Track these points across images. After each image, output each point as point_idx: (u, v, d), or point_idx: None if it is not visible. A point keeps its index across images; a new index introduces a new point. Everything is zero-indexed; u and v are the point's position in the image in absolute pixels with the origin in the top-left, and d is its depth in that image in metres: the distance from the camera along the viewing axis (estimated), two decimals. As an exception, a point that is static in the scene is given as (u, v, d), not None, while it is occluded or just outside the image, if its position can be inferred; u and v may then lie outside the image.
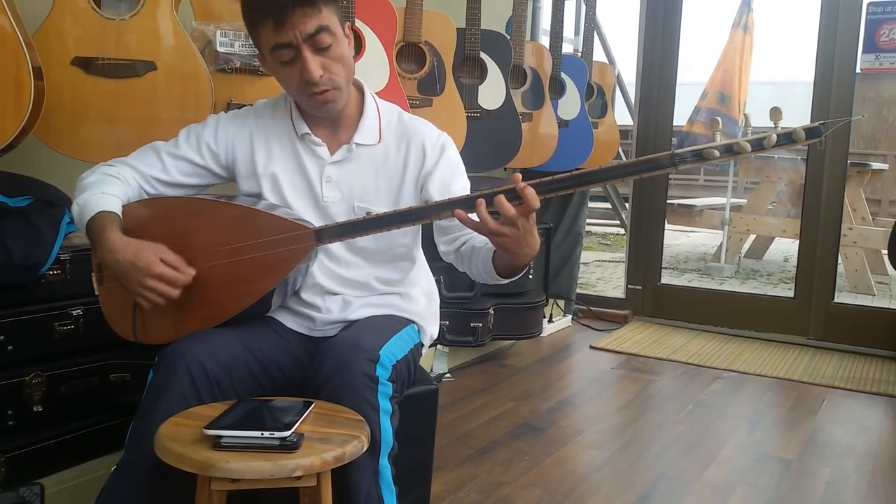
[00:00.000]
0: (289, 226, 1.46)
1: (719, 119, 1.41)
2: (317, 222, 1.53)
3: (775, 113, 1.26)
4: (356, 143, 1.58)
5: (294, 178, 1.58)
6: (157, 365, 1.41)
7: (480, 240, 1.51)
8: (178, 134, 1.61)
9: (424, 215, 1.42)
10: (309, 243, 1.45)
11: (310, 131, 1.57)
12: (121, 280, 1.45)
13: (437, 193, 1.57)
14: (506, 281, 1.50)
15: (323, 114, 1.53)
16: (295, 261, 1.45)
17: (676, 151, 1.27)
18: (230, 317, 1.48)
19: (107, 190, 1.50)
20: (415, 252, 1.68)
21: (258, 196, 1.58)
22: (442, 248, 1.62)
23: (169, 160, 1.58)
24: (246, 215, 1.48)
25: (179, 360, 1.38)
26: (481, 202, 1.33)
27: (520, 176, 1.34)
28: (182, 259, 1.44)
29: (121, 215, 1.49)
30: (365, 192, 1.58)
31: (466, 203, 1.37)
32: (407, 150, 1.60)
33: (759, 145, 1.23)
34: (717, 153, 1.25)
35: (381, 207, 1.56)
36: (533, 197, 1.32)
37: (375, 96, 1.64)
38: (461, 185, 1.61)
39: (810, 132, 1.21)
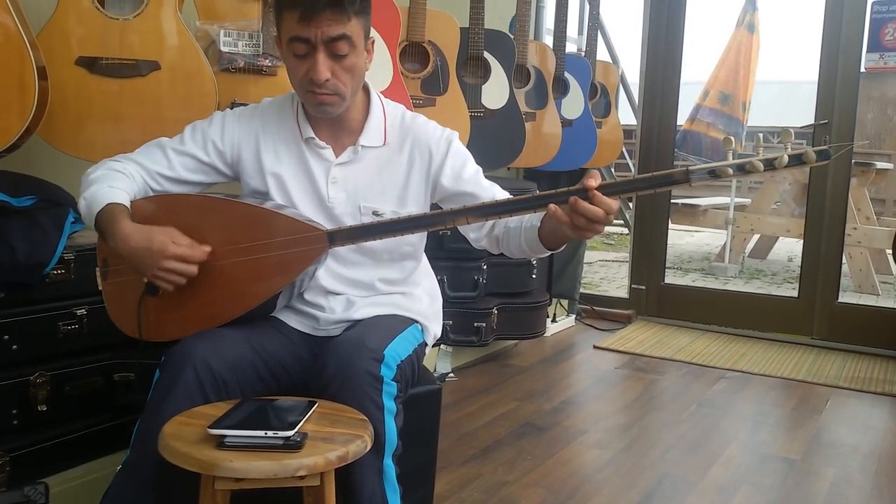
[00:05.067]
0: (301, 227, 1.46)
1: (733, 138, 1.45)
2: (323, 223, 1.54)
3: (786, 134, 1.31)
4: (362, 146, 1.58)
5: (300, 179, 1.58)
6: (163, 364, 1.41)
7: (514, 220, 1.54)
8: (184, 130, 1.61)
9: (438, 221, 1.44)
10: (321, 245, 1.45)
11: (314, 135, 1.57)
12: (137, 267, 1.45)
13: (450, 183, 1.59)
14: (550, 253, 1.54)
15: (316, 113, 1.54)
16: (306, 263, 1.45)
17: (691, 168, 1.30)
18: (236, 316, 1.48)
19: (113, 184, 1.50)
20: (420, 252, 1.68)
21: (265, 195, 1.59)
22: (472, 235, 1.63)
23: (174, 156, 1.58)
24: (257, 215, 1.48)
25: (187, 360, 1.38)
26: (577, 201, 1.32)
27: (597, 174, 1.35)
28: (193, 240, 1.45)
29: (129, 207, 1.49)
30: (370, 191, 1.59)
31: (481, 212, 1.41)
32: (411, 149, 1.61)
33: (770, 165, 1.27)
34: (730, 171, 1.29)
35: (386, 206, 1.58)
36: (610, 202, 1.32)
37: (381, 97, 1.64)
38: (472, 171, 1.62)
39: (820, 154, 1.25)
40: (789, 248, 6.92)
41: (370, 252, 1.59)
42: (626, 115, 4.44)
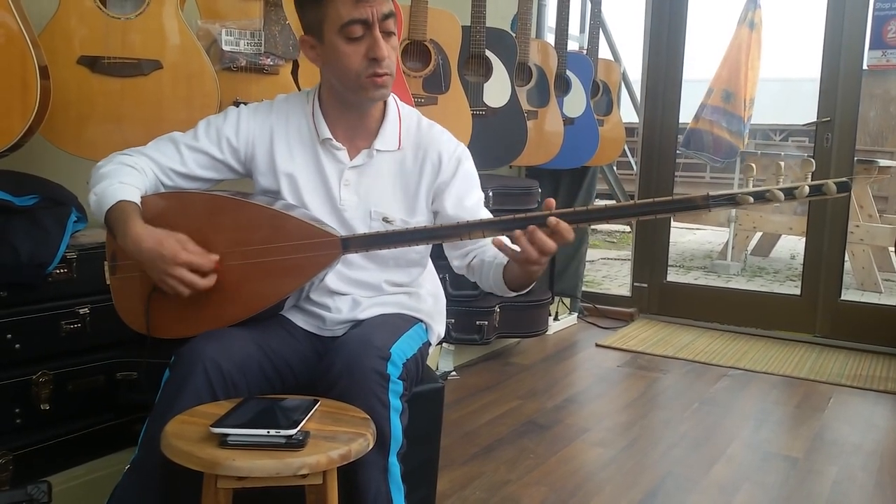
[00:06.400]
0: (315, 232, 1.45)
1: (754, 165, 1.48)
2: (333, 226, 1.53)
3: (806, 164, 1.33)
4: (377, 150, 1.58)
5: (313, 180, 1.58)
6: (173, 364, 1.41)
7: (489, 254, 1.56)
8: (197, 125, 1.60)
9: (454, 234, 1.45)
10: (335, 251, 1.44)
11: (331, 136, 1.57)
12: (146, 269, 1.44)
13: (451, 207, 1.59)
14: (514, 294, 1.57)
15: (373, 99, 1.53)
16: (318, 267, 1.45)
17: (711, 194, 1.32)
18: (245, 318, 1.48)
19: (125, 180, 1.49)
20: (426, 258, 1.69)
21: (276, 194, 1.58)
22: (455, 262, 1.65)
23: (187, 152, 1.57)
24: (270, 216, 1.47)
25: (197, 360, 1.37)
26: (522, 235, 1.35)
27: (552, 202, 1.37)
28: (203, 249, 1.44)
29: (140, 205, 1.48)
30: (381, 197, 1.58)
31: (499, 226, 1.41)
32: (423, 158, 1.60)
33: (791, 195, 1.30)
34: (750, 199, 1.31)
35: (397, 213, 1.58)
36: (567, 230, 1.35)
37: (397, 100, 1.63)
38: (475, 199, 1.63)
39: (840, 186, 1.28)
40: (792, 245, 6.91)
41: (377, 258, 1.59)
42: (628, 112, 4.44)
